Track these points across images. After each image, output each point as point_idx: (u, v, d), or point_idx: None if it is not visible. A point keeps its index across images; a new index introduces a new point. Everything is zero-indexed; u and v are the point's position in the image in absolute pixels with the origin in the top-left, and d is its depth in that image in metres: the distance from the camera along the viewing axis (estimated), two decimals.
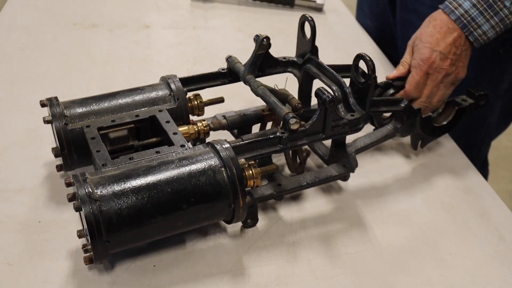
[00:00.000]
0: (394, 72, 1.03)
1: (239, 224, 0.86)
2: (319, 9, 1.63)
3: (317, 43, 0.97)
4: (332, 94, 0.81)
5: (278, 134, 0.82)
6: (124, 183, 0.72)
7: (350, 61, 0.91)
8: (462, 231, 0.91)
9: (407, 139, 1.07)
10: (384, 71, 1.26)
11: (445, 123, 1.03)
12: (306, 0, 1.62)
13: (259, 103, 0.98)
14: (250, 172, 0.80)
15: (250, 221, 0.86)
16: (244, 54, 1.01)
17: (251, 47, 0.94)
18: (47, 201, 0.88)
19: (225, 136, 0.98)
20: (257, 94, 0.90)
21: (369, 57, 0.84)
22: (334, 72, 0.91)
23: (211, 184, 0.75)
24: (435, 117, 1.03)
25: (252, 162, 0.81)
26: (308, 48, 0.96)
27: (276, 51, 1.01)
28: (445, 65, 0.96)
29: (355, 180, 0.98)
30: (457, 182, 1.01)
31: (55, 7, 1.52)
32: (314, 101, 0.93)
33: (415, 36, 1.01)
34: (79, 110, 0.87)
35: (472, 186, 1.01)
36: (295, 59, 1.00)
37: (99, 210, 0.69)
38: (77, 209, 0.70)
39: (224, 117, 0.95)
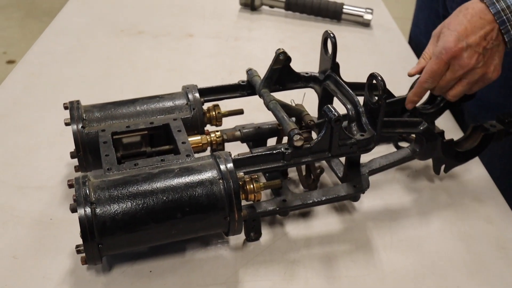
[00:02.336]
0: (415, 67, 0.95)
1: (242, 236, 0.86)
2: (366, 24, 1.61)
3: (361, 58, 0.94)
4: (338, 113, 0.80)
5: (282, 149, 0.81)
6: (122, 189, 0.74)
7: (391, 79, 0.85)
8: (475, 264, 0.86)
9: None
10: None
11: (470, 148, 0.98)
12: (353, 15, 1.60)
13: None
14: (251, 186, 0.80)
15: (253, 235, 0.86)
16: None
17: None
18: (62, 200, 0.92)
19: (242, 148, 0.99)
20: (268, 108, 0.90)
21: (380, 77, 0.82)
22: (350, 91, 0.89)
23: (207, 196, 0.76)
24: (459, 142, 0.99)
25: (255, 176, 0.81)
26: (329, 64, 0.95)
27: (316, 66, 1.00)
28: (471, 61, 0.88)
29: (370, 201, 0.96)
30: (480, 211, 0.96)
31: (107, 14, 1.58)
32: None
33: (442, 25, 0.93)
34: (97, 114, 0.90)
35: (496, 216, 0.95)
36: (317, 75, 0.99)
37: (93, 212, 0.71)
38: (72, 210, 0.72)
39: (239, 129, 0.96)
